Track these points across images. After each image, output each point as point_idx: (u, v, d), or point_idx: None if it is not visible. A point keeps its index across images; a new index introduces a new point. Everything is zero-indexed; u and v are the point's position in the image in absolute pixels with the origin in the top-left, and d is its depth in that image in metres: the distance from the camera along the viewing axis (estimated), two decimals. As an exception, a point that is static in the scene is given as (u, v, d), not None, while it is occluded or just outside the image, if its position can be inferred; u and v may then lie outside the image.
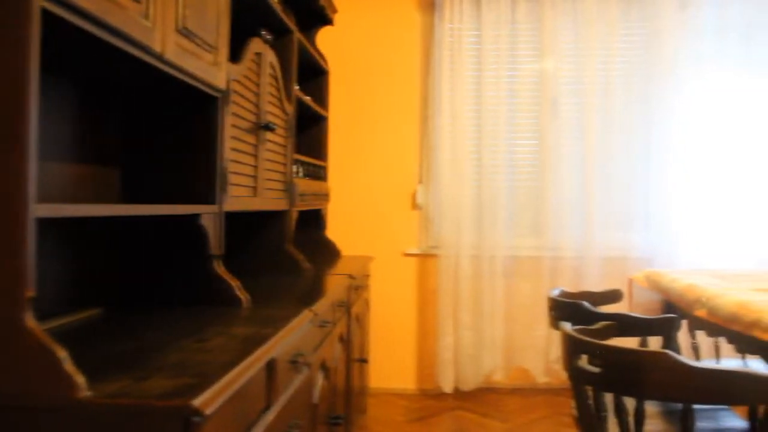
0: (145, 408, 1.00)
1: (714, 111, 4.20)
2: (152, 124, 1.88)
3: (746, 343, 2.00)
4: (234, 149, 2.01)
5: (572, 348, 1.64)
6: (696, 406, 1.54)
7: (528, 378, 4.30)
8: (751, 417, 1.97)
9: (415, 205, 4.34)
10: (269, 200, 2.50)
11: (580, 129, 4.21)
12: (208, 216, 1.82)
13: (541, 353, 4.23)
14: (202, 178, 1.86)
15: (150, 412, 1.00)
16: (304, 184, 3.04)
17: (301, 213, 3.27)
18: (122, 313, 1.74)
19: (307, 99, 3.31)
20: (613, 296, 2.63)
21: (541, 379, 4.26)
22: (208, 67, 1.74)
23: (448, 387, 4.22)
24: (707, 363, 1.45)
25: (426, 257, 4.33)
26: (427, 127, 4.33)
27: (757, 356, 2.07)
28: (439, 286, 4.22)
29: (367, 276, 3.70)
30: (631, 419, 1.79)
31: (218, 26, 1.81)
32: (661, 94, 4.18)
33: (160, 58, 1.45)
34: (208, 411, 1.02)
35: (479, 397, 4.18)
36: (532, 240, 4.28)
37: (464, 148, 4.20)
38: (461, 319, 4.20)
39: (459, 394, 4.22)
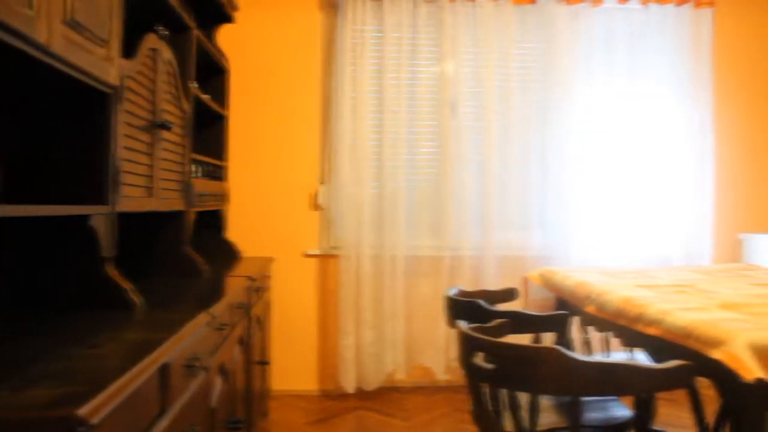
0: (22, 421, 0.94)
1: (604, 117, 4.42)
2: (41, 121, 1.79)
3: (631, 336, 2.10)
4: (128, 148, 1.95)
5: (468, 346, 1.68)
6: (586, 398, 1.61)
7: (429, 376, 4.36)
8: (639, 407, 2.08)
9: (316, 206, 4.33)
10: (165, 201, 2.43)
11: (478, 131, 4.32)
12: (99, 217, 1.75)
13: (441, 351, 4.30)
14: (93, 177, 1.79)
15: (28, 424, 0.94)
16: (202, 185, 2.97)
17: (200, 214, 3.19)
18: (6, 318, 1.65)
19: (206, 97, 3.24)
20: (509, 294, 2.71)
21: (442, 377, 4.33)
22: (100, 62, 1.67)
23: (350, 387, 4.23)
24: (595, 357, 1.51)
25: (327, 257, 4.33)
26: (328, 127, 4.32)
27: (642, 349, 2.18)
28: (341, 287, 4.23)
29: (268, 277, 3.66)
30: (525, 413, 1.85)
31: (110, 20, 1.75)
32: (556, 99, 4.35)
33: (45, 50, 1.38)
34: (94, 420, 0.98)
35: (381, 397, 4.21)
36: (432, 240, 4.35)
37: (365, 148, 4.22)
38: (363, 318, 4.22)
39: (361, 394, 4.24)
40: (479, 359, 1.64)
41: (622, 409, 2.25)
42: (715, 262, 4.43)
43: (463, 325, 1.78)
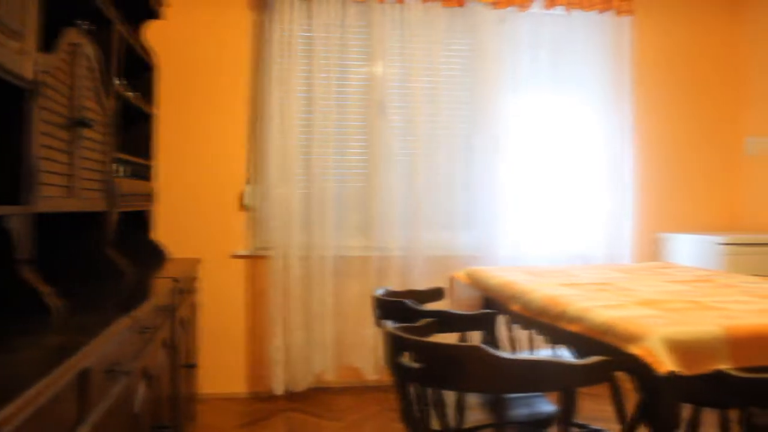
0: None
1: (530, 120, 4.53)
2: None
3: (555, 333, 2.16)
4: (45, 146, 1.88)
5: (394, 345, 1.69)
6: (512, 395, 1.64)
7: (358, 376, 4.37)
8: (563, 402, 2.14)
9: (243, 206, 4.28)
10: (87, 201, 2.35)
11: (407, 132, 4.36)
12: (14, 217, 1.68)
13: (370, 351, 4.32)
14: (8, 177, 1.72)
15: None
16: (126, 184, 2.89)
17: (126, 214, 3.11)
18: None
19: (133, 95, 3.16)
20: (436, 294, 2.74)
21: (371, 377, 4.35)
22: (13, 55, 1.60)
23: (279, 389, 4.20)
24: (520, 354, 1.54)
25: (255, 258, 4.28)
26: (256, 126, 4.28)
27: (565, 345, 2.24)
28: (269, 288, 4.19)
29: (195, 279, 3.59)
30: (452, 412, 1.87)
31: (25, 11, 1.68)
32: (483, 101, 4.43)
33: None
34: (6, 430, 0.94)
35: (311, 398, 4.20)
36: (360, 240, 4.36)
37: (294, 148, 4.20)
38: (292, 319, 4.19)
39: (291, 396, 4.21)
40: (406, 359, 1.65)
41: (546, 405, 2.31)
42: (635, 261, 4.60)
43: (389, 325, 1.79)
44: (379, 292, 2.51)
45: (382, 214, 4.31)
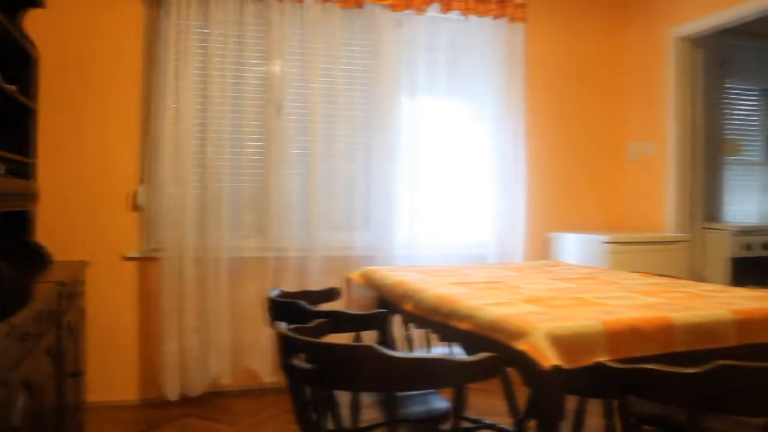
0: None
1: (426, 123, 4.61)
2: None
3: (447, 331, 2.20)
4: None
5: (286, 347, 1.68)
6: (407, 393, 1.66)
7: (256, 378, 4.32)
8: (455, 398, 2.18)
9: (135, 206, 4.13)
10: (-41, 201, 2.21)
11: (304, 132, 4.34)
12: None
13: (267, 353, 4.27)
14: None
15: None
16: (3, 183, 2.74)
17: (3, 215, 2.94)
18: None
19: (10, 88, 2.98)
20: (330, 294, 2.74)
21: (269, 379, 4.31)
22: None
23: (173, 394, 4.09)
24: (414, 353, 1.57)
25: (148, 260, 4.14)
26: (149, 125, 4.14)
27: (457, 343, 2.29)
28: (162, 290, 4.07)
29: (82, 282, 3.44)
30: (347, 411, 1.88)
31: None
32: (380, 103, 4.47)
33: None
34: None
35: (207, 402, 4.11)
36: (256, 241, 4.30)
37: (189, 147, 4.09)
38: (186, 322, 4.09)
39: (185, 401, 4.11)
40: (298, 360, 1.64)
41: (441, 402, 2.35)
42: (527, 260, 4.76)
43: (282, 326, 1.78)
44: (274, 293, 2.49)
45: (278, 215, 4.27)
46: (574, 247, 4.66)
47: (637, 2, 5.08)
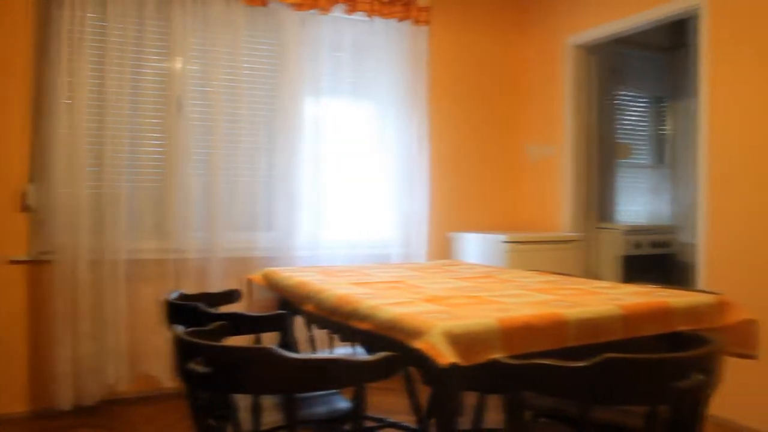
0: None
1: (331, 123, 4.61)
2: None
3: (347, 332, 2.20)
4: None
5: (182, 350, 1.64)
6: (309, 394, 1.65)
7: (155, 384, 4.20)
8: (355, 398, 2.19)
9: (24, 207, 3.92)
10: None
11: (206, 131, 4.25)
12: None
13: (166, 358, 4.15)
14: None
15: None
16: None
17: None
18: None
19: None
20: (230, 296, 2.69)
21: (169, 384, 4.20)
22: None
23: (66, 404, 3.91)
24: (307, 354, 1.56)
25: (38, 264, 3.94)
26: (40, 121, 3.94)
27: (358, 343, 2.30)
28: (54, 295, 3.88)
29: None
30: (248, 414, 1.85)
31: None
32: (285, 102, 4.43)
33: None
34: None
35: (103, 411, 3.96)
36: (155, 242, 4.18)
37: (83, 145, 3.92)
38: (80, 328, 3.92)
39: (80, 411, 3.94)
40: (194, 364, 1.60)
41: (343, 402, 2.35)
42: (429, 259, 4.84)
43: (179, 329, 1.73)
44: (172, 296, 2.42)
45: (178, 215, 4.16)
46: (476, 247, 4.77)
47: (537, 9, 5.26)
